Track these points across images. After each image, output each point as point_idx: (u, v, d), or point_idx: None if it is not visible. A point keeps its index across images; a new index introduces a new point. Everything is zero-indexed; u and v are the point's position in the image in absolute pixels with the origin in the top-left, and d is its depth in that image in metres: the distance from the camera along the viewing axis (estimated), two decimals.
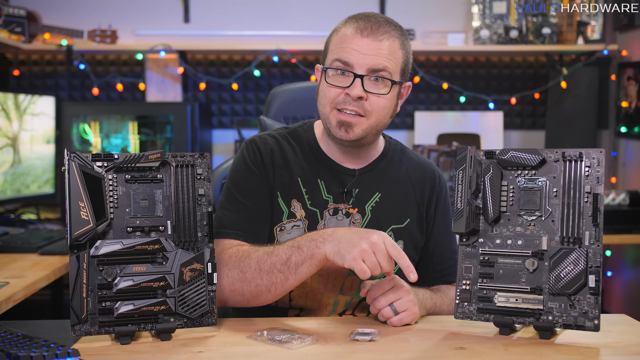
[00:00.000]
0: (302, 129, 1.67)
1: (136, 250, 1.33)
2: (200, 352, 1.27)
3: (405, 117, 3.80)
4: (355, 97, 1.50)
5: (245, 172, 1.59)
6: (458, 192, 1.40)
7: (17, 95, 3.03)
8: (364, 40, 1.50)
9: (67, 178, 1.29)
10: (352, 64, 1.50)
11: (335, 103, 1.52)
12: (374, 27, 1.51)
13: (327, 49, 1.58)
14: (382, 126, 1.57)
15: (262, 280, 1.43)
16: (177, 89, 3.63)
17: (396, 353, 1.27)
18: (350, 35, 1.52)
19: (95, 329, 1.31)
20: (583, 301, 1.32)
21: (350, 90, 1.50)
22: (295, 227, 1.57)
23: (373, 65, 1.50)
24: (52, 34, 3.44)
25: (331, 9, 3.62)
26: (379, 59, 1.50)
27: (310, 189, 1.59)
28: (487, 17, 3.63)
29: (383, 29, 1.52)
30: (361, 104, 1.51)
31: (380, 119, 1.54)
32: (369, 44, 1.50)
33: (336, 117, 1.53)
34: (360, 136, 1.54)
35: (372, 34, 1.51)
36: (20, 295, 1.99)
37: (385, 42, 1.51)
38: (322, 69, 1.56)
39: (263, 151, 1.60)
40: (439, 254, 1.67)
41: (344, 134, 1.53)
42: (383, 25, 1.53)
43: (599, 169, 1.33)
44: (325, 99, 1.54)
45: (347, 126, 1.52)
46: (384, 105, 1.53)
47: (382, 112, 1.54)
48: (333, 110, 1.53)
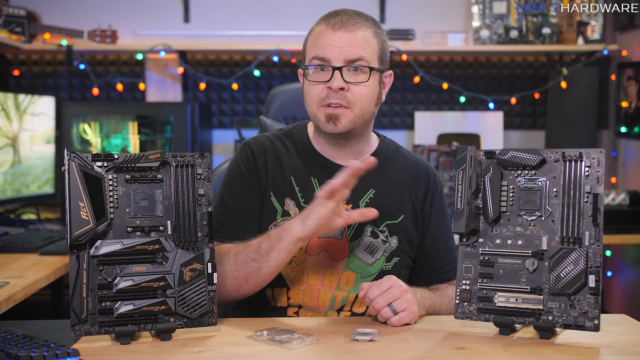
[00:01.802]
0: (296, 129, 1.70)
1: (136, 250, 1.33)
2: (200, 352, 1.27)
3: (405, 117, 3.80)
4: (336, 88, 1.53)
5: (237, 175, 1.64)
6: (458, 192, 1.40)
7: (17, 95, 3.03)
8: (336, 34, 1.55)
9: (67, 178, 1.29)
10: (328, 58, 1.54)
11: (320, 100, 1.56)
12: (344, 20, 1.56)
13: (305, 50, 1.62)
14: (369, 115, 1.59)
15: (239, 272, 1.47)
16: (177, 89, 3.63)
17: (396, 353, 1.27)
18: (323, 32, 1.57)
19: (95, 329, 1.31)
20: (583, 301, 1.32)
21: (331, 83, 1.54)
22: None
23: (349, 56, 1.54)
24: (52, 34, 3.44)
25: (331, 9, 3.61)
26: (354, 49, 1.54)
27: (303, 187, 1.61)
28: (487, 17, 3.63)
29: (353, 21, 1.56)
30: (344, 96, 1.54)
31: (364, 107, 1.56)
32: (341, 36, 1.54)
33: (324, 112, 1.56)
34: (348, 127, 1.56)
35: (343, 26, 1.55)
36: (20, 295, 1.99)
37: (357, 33, 1.55)
38: (302, 68, 1.60)
39: (256, 153, 1.64)
40: (436, 251, 1.68)
41: (333, 127, 1.55)
42: (353, 17, 1.57)
43: (599, 169, 1.33)
44: (311, 97, 1.58)
45: (334, 119, 1.55)
46: (366, 94, 1.56)
47: (365, 101, 1.56)
48: (320, 107, 1.56)
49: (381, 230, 1.61)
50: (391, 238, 1.62)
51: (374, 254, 1.60)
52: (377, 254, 1.60)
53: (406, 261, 1.64)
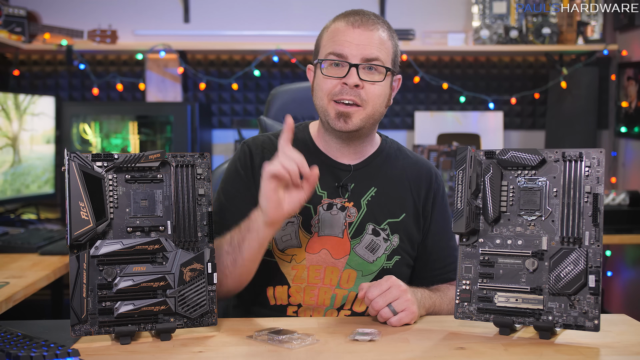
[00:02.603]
0: (297, 129, 1.69)
1: (136, 250, 1.33)
2: (200, 352, 1.27)
3: (405, 117, 3.80)
4: (352, 85, 1.53)
5: (234, 176, 1.64)
6: (458, 192, 1.40)
7: (17, 95, 3.03)
8: (355, 32, 1.55)
9: (67, 178, 1.29)
10: (346, 55, 1.54)
11: (332, 94, 1.55)
12: (364, 19, 1.57)
13: (319, 45, 1.62)
14: (379, 115, 1.60)
15: (219, 266, 1.47)
16: (177, 89, 3.63)
17: (396, 353, 1.27)
18: (342, 29, 1.57)
19: (95, 329, 1.31)
20: (583, 301, 1.32)
21: (347, 80, 1.53)
22: (290, 223, 1.59)
23: (366, 54, 1.54)
24: (52, 34, 3.44)
25: (331, 9, 3.59)
26: (372, 48, 1.55)
27: None
28: (487, 17, 3.63)
29: (372, 21, 1.57)
30: (358, 93, 1.54)
31: (376, 107, 1.57)
32: (360, 34, 1.55)
33: (335, 109, 1.55)
34: (359, 126, 1.56)
35: (363, 25, 1.56)
36: (20, 295, 1.99)
37: (375, 33, 1.56)
38: (317, 62, 1.60)
39: (254, 152, 1.64)
40: (437, 251, 1.68)
41: (343, 125, 1.55)
42: (372, 17, 1.59)
43: (599, 169, 1.33)
44: (322, 91, 1.57)
45: (346, 116, 1.55)
46: (379, 93, 1.56)
47: (378, 101, 1.57)
48: (331, 102, 1.56)
49: (383, 228, 1.61)
50: (392, 236, 1.62)
51: (375, 252, 1.60)
52: (379, 251, 1.61)
53: (407, 260, 1.65)
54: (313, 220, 1.59)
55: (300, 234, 1.59)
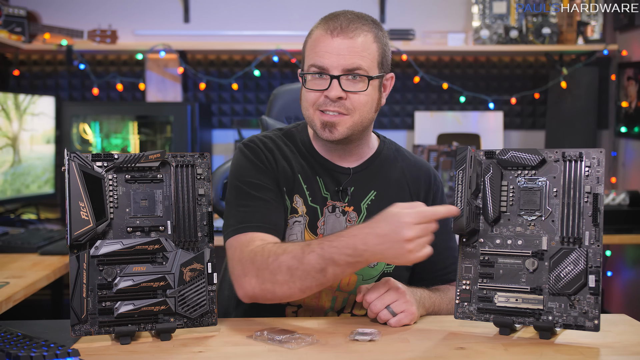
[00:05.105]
0: (295, 129, 1.68)
1: (136, 250, 1.33)
2: (200, 352, 1.27)
3: (405, 117, 3.80)
4: (334, 98, 1.51)
5: (252, 168, 1.58)
6: (458, 192, 1.40)
7: (17, 95, 3.03)
8: (335, 41, 1.51)
9: (67, 178, 1.29)
10: (326, 67, 1.51)
11: (317, 105, 1.53)
12: (344, 25, 1.52)
13: (304, 54, 1.59)
14: (368, 122, 1.57)
15: (295, 284, 1.39)
16: (177, 89, 3.63)
17: (396, 353, 1.27)
18: (322, 37, 1.53)
19: (95, 329, 1.31)
20: (583, 301, 1.32)
21: (328, 93, 1.51)
22: (297, 222, 1.58)
23: (347, 65, 1.50)
24: (52, 34, 3.44)
25: (331, 9, 3.60)
26: (353, 57, 1.50)
27: (310, 185, 1.60)
28: (487, 17, 3.63)
29: (353, 26, 1.52)
30: (342, 104, 1.52)
31: (363, 114, 1.54)
32: (340, 43, 1.51)
33: (320, 119, 1.54)
34: (345, 135, 1.54)
35: (342, 32, 1.51)
36: (20, 295, 1.99)
37: (357, 39, 1.51)
38: (300, 75, 1.57)
39: (263, 149, 1.61)
40: (438, 252, 1.66)
41: (329, 134, 1.53)
42: (353, 21, 1.53)
43: (599, 169, 1.33)
44: (307, 102, 1.55)
45: (331, 126, 1.53)
46: (365, 102, 1.53)
47: (365, 108, 1.54)
48: (316, 111, 1.54)
49: None
50: None
51: None
52: None
53: None
54: (319, 222, 1.59)
55: (306, 234, 1.58)
